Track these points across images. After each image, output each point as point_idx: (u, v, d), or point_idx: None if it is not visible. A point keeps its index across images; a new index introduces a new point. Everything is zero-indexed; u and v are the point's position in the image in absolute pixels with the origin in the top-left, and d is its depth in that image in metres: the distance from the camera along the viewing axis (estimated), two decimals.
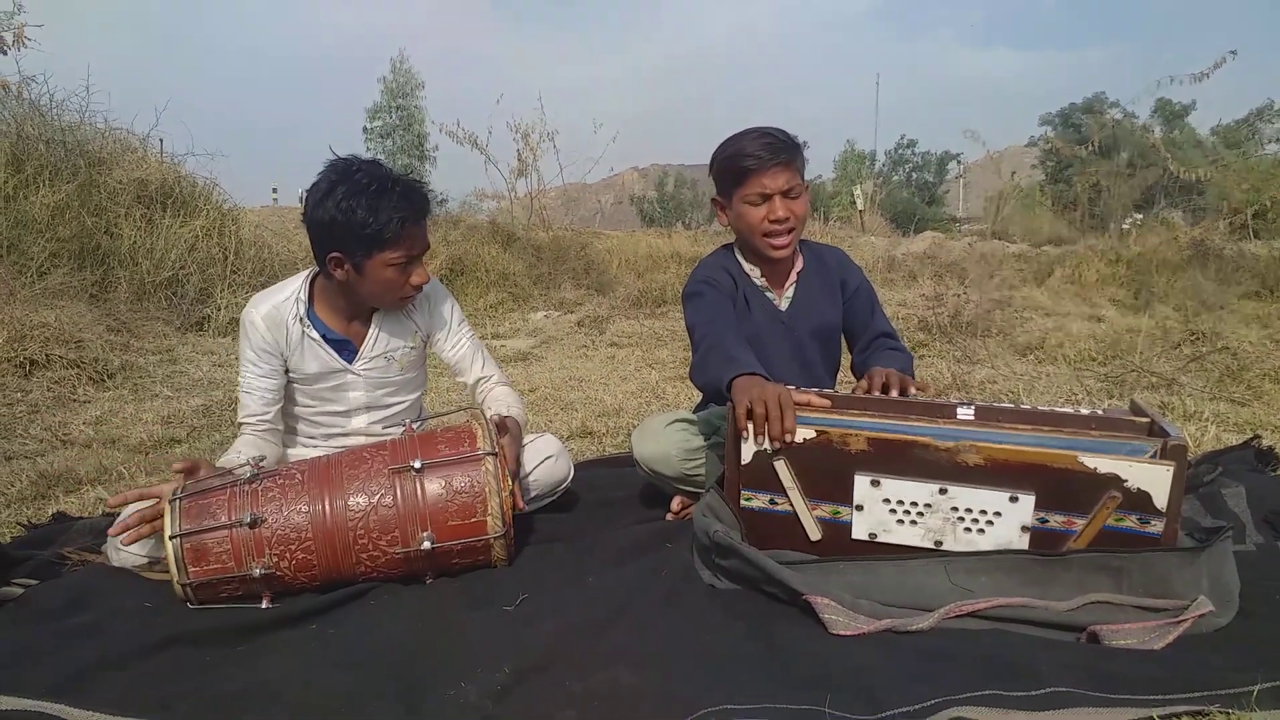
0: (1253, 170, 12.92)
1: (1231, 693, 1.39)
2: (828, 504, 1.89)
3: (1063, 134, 23.17)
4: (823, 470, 1.87)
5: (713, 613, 1.80)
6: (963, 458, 1.77)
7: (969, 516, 1.79)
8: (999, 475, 1.75)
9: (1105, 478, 1.70)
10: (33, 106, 7.10)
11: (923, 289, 7.01)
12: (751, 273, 2.45)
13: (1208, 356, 5.05)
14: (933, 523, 1.82)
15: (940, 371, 4.89)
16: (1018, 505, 1.75)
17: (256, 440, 2.25)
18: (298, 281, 2.31)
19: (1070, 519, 1.74)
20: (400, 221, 2.11)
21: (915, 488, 1.81)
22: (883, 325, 2.52)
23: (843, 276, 2.53)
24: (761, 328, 2.41)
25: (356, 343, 2.32)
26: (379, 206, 2.09)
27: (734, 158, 2.30)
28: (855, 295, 2.52)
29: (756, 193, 2.29)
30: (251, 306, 2.27)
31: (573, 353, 6.10)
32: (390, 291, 2.21)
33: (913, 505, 1.82)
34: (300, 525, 1.90)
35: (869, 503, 1.85)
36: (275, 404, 2.29)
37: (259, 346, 2.24)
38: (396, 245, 2.14)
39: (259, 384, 2.26)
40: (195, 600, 1.88)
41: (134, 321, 5.94)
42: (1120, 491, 1.69)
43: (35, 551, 2.22)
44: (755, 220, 2.31)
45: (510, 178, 12.81)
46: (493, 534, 1.98)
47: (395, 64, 26.87)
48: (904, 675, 1.49)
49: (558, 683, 1.54)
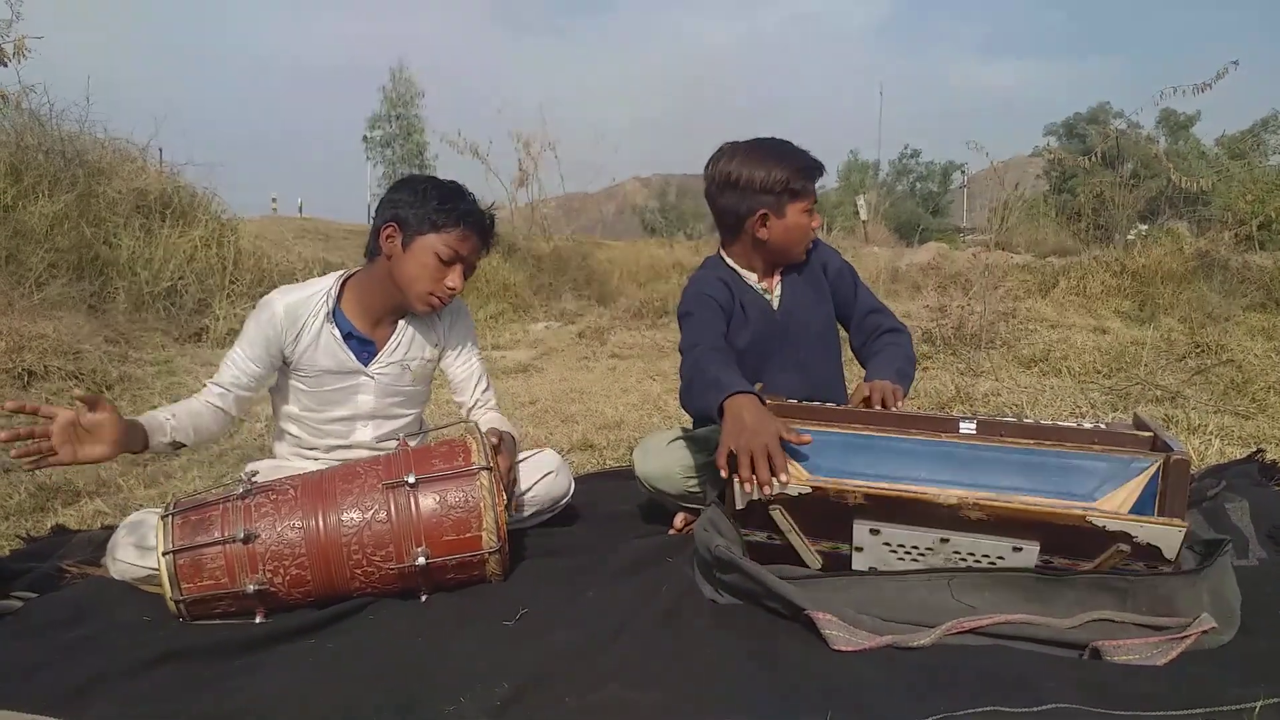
0: (1257, 181, 12.90)
1: (1234, 709, 1.37)
2: (827, 541, 1.87)
3: (1067, 144, 23.21)
4: (820, 517, 1.83)
5: (714, 628, 1.78)
6: (965, 513, 1.72)
7: (971, 559, 1.77)
8: (1002, 528, 1.72)
9: (1114, 535, 1.66)
10: (32, 116, 7.12)
11: (927, 300, 6.98)
12: (749, 277, 2.45)
13: (1212, 369, 5.03)
14: (935, 561, 1.79)
15: (944, 384, 4.87)
16: (1021, 553, 1.73)
17: (202, 411, 2.20)
18: (328, 280, 2.33)
19: (1075, 563, 1.72)
20: (466, 215, 2.23)
21: (916, 535, 1.78)
22: (870, 302, 2.53)
23: (822, 261, 2.52)
24: (759, 334, 2.41)
25: (379, 345, 2.32)
26: (452, 199, 2.24)
27: (804, 171, 2.33)
28: (838, 277, 2.52)
29: (809, 203, 2.36)
30: (277, 293, 2.28)
31: (574, 364, 6.10)
32: (423, 280, 2.22)
33: (914, 548, 1.80)
34: (294, 541, 1.89)
35: (869, 546, 1.83)
36: (244, 389, 2.26)
37: (266, 332, 2.23)
38: (451, 233, 2.21)
39: (243, 364, 2.24)
40: (189, 616, 1.88)
41: (132, 332, 5.94)
42: (1129, 545, 1.66)
43: (34, 564, 2.21)
44: (805, 228, 2.37)
45: (511, 187, 12.86)
46: (488, 549, 1.96)
47: (395, 73, 27.02)
48: (905, 691, 1.48)
49: (557, 698, 1.53)
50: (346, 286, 2.31)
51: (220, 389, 2.24)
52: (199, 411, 2.20)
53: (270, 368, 2.27)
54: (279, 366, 2.29)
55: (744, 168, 2.33)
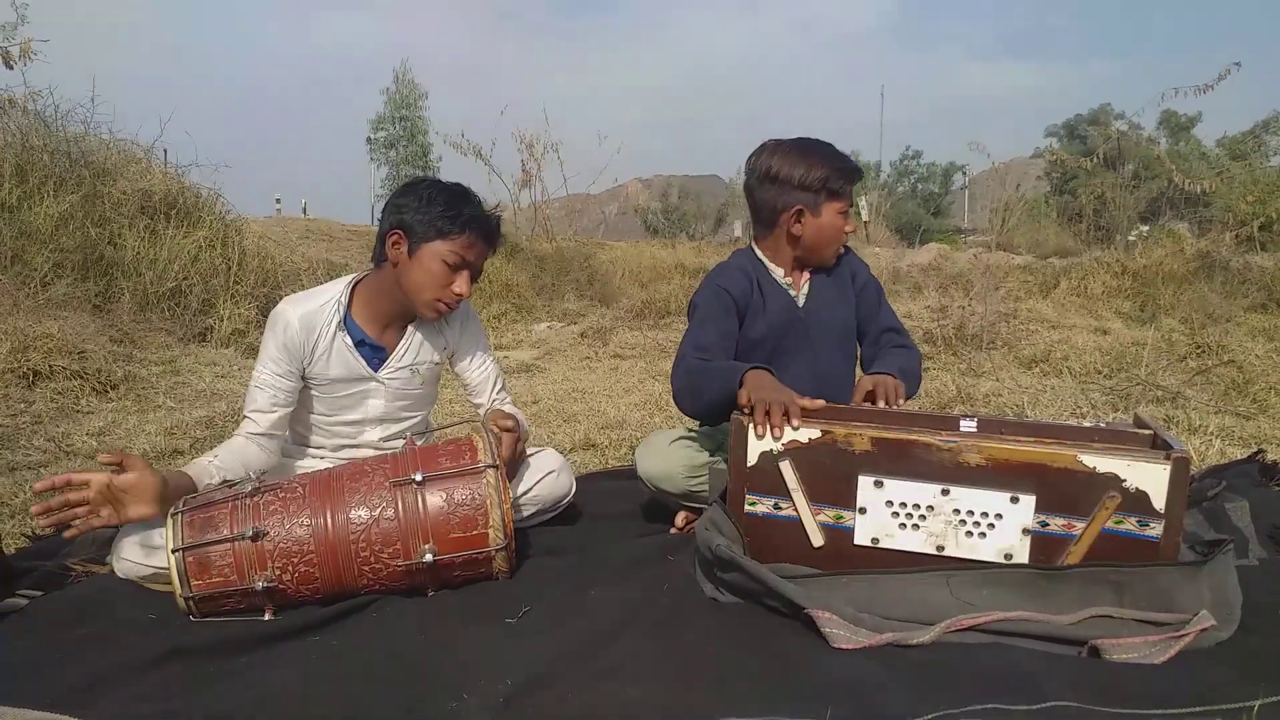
0: (1258, 182, 12.91)
1: (1233, 707, 1.38)
2: (831, 509, 1.90)
3: (1068, 145, 23.23)
4: (827, 472, 1.88)
5: (715, 626, 1.80)
6: (965, 457, 1.79)
7: (970, 520, 1.81)
8: (1000, 475, 1.78)
9: (1104, 477, 1.72)
10: (38, 118, 7.14)
11: (928, 301, 7.00)
12: (775, 270, 2.45)
13: (1213, 370, 5.04)
14: (935, 526, 1.83)
15: (945, 384, 4.88)
16: (1018, 506, 1.77)
17: (246, 445, 2.21)
18: (338, 286, 2.32)
19: (1070, 522, 1.75)
20: (470, 221, 2.21)
21: (918, 489, 1.83)
22: (890, 320, 2.54)
23: (852, 269, 2.54)
24: (776, 326, 2.41)
25: (388, 350, 2.33)
26: (458, 204, 2.23)
27: (844, 173, 2.36)
28: (864, 289, 2.54)
29: (846, 205, 2.39)
30: (288, 305, 2.27)
31: (576, 364, 6.11)
32: (430, 287, 2.22)
33: (915, 508, 1.84)
34: (302, 538, 1.90)
35: (872, 506, 1.86)
36: (284, 406, 2.25)
37: (286, 345, 2.23)
38: (457, 239, 2.20)
39: (275, 381, 2.23)
40: (198, 613, 1.89)
41: (137, 332, 5.94)
42: (1119, 491, 1.71)
43: (40, 563, 2.22)
44: (839, 230, 2.40)
45: (514, 189, 12.86)
46: (494, 546, 1.98)
47: (398, 75, 27.03)
48: (905, 689, 1.49)
49: (560, 696, 1.53)
50: (355, 292, 2.31)
51: (261, 415, 2.22)
52: (243, 447, 2.20)
53: (299, 379, 2.26)
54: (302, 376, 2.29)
55: (785, 163, 2.35)
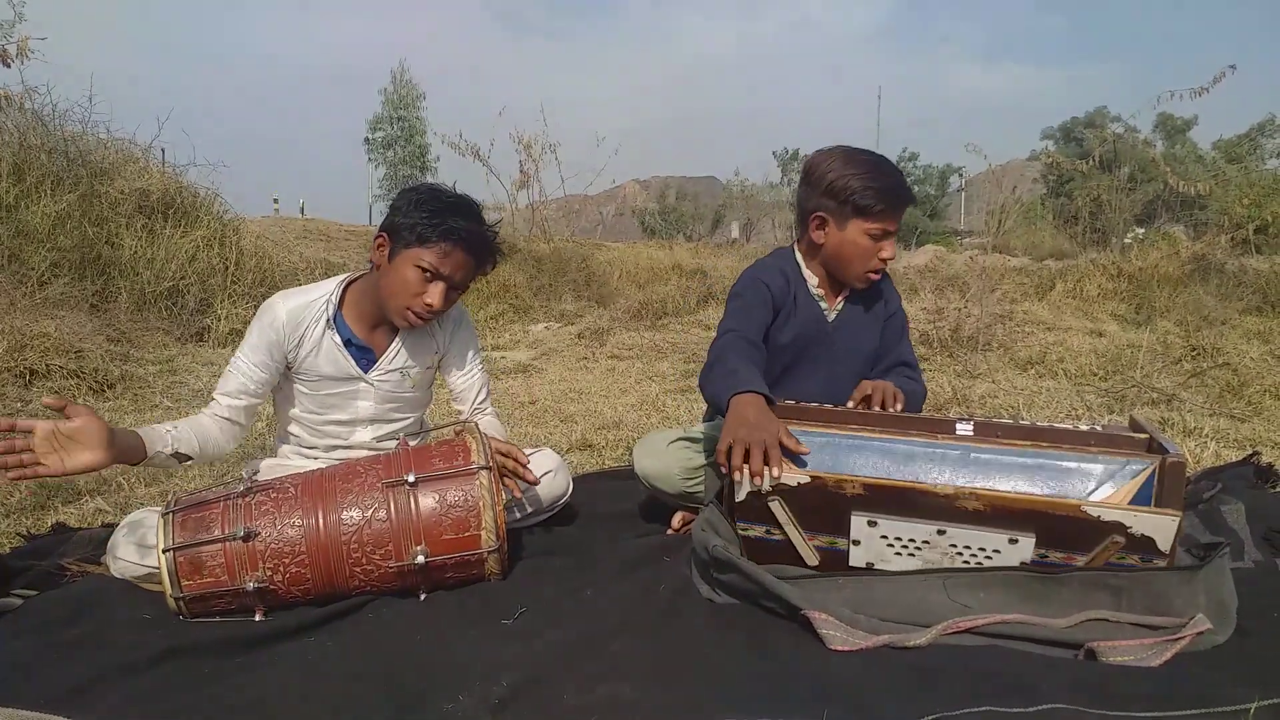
0: (1254, 185, 12.96)
1: (1229, 710, 1.38)
2: (824, 535, 1.88)
3: (1064, 148, 23.26)
4: (818, 509, 1.85)
5: (711, 627, 1.79)
6: (961, 504, 1.74)
7: (967, 553, 1.78)
8: (998, 519, 1.74)
9: (1109, 525, 1.68)
10: (35, 116, 7.13)
11: (924, 302, 7.00)
12: (809, 280, 2.42)
13: (1208, 372, 5.05)
14: (931, 556, 1.81)
15: (941, 385, 4.88)
16: (1017, 546, 1.74)
17: (207, 423, 2.18)
18: (331, 284, 2.31)
19: (1071, 556, 1.73)
20: (450, 232, 2.14)
21: (913, 527, 1.79)
22: (907, 355, 2.51)
23: (886, 297, 2.51)
24: (803, 332, 2.39)
25: (378, 352, 2.31)
26: (442, 213, 2.14)
27: (879, 192, 2.24)
28: (891, 319, 2.51)
29: (880, 228, 2.27)
30: (279, 297, 2.26)
31: (573, 365, 6.11)
32: (400, 294, 2.18)
33: (910, 541, 1.81)
34: (294, 539, 1.90)
35: (866, 539, 1.84)
36: (252, 396, 2.23)
37: (269, 337, 2.21)
38: (433, 248, 2.14)
39: (249, 370, 2.21)
40: (188, 614, 1.88)
41: (134, 332, 5.94)
42: (1124, 537, 1.67)
43: (35, 562, 2.21)
44: (866, 252, 2.29)
45: (512, 189, 12.88)
46: (487, 548, 1.97)
47: (396, 75, 27.02)
48: (900, 691, 1.49)
49: (555, 696, 1.53)
50: (347, 292, 2.30)
51: (228, 399, 2.21)
52: (204, 424, 2.18)
53: (275, 372, 2.25)
54: (283, 371, 2.28)
55: (825, 166, 2.29)
